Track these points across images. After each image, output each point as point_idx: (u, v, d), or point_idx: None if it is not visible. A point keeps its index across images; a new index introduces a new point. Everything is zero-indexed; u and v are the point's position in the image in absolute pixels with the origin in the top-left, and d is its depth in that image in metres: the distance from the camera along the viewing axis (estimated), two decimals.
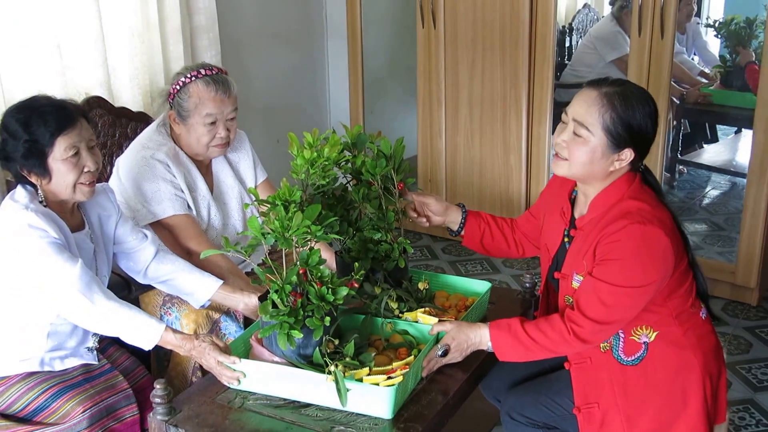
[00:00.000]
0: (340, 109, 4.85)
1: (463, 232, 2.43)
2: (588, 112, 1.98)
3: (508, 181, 4.19)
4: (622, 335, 2.06)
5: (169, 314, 2.55)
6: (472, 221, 2.42)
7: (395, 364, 1.98)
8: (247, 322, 2.51)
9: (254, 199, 2.08)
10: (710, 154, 5.26)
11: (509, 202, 4.19)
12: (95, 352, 2.29)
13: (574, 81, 4.97)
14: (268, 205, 1.95)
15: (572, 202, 2.20)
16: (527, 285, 2.53)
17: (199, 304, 2.40)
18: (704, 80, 5.03)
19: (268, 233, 1.91)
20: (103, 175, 2.85)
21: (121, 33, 3.27)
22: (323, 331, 1.94)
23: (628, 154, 2.00)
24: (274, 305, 1.94)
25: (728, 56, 4.86)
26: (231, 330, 2.51)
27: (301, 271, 1.95)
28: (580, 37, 5.50)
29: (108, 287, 2.32)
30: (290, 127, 4.56)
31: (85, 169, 2.13)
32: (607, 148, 1.99)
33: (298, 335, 1.91)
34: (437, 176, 4.37)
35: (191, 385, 2.30)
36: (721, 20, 4.88)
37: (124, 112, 3.07)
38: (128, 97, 3.31)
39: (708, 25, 4.99)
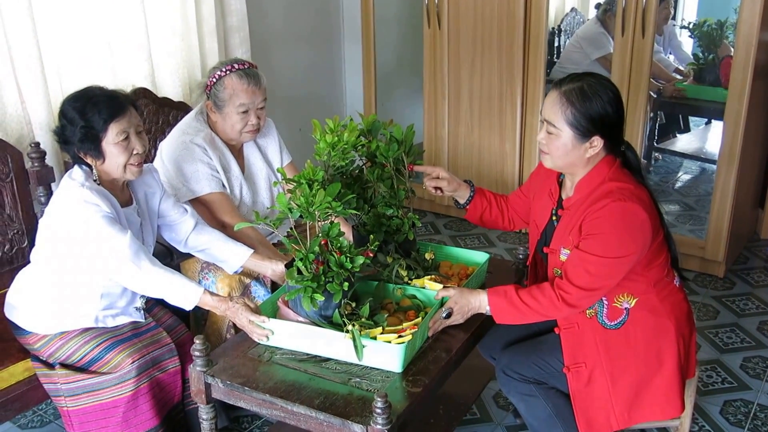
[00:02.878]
0: (355, 101, 4.82)
1: (468, 207, 2.42)
2: (552, 111, 1.98)
3: (503, 165, 4.17)
4: (605, 302, 2.05)
5: (207, 279, 2.56)
6: (477, 199, 2.41)
7: (405, 325, 1.99)
8: (274, 286, 2.52)
9: (282, 178, 2.08)
10: (683, 142, 5.24)
11: (504, 183, 4.18)
12: (142, 311, 2.31)
13: (561, 77, 4.94)
14: (295, 184, 1.96)
15: (560, 184, 2.19)
16: (520, 257, 2.53)
17: (232, 270, 2.41)
18: (679, 76, 4.99)
19: (294, 208, 1.92)
20: (148, 157, 2.85)
21: (164, 32, 3.26)
22: (342, 295, 1.95)
23: (597, 141, 1.98)
24: (299, 272, 1.95)
25: (701, 55, 4.82)
26: (260, 293, 2.52)
27: (322, 242, 1.96)
28: (568, 37, 5.45)
29: (153, 256, 2.34)
30: (311, 116, 4.51)
31: (134, 152, 2.14)
32: (576, 139, 1.98)
33: (320, 298, 1.92)
34: (440, 161, 4.35)
35: (225, 341, 2.33)
36: (695, 22, 4.84)
37: (166, 101, 3.07)
38: (170, 88, 3.31)
39: (683, 27, 4.94)
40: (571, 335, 2.11)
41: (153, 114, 2.99)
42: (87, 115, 2.07)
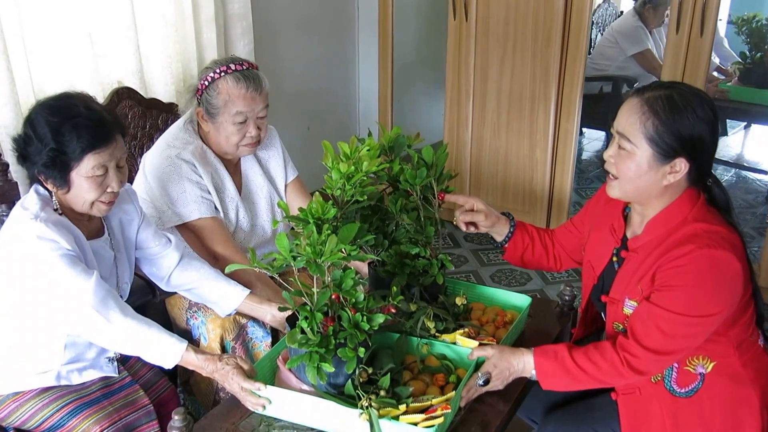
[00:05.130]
0: (369, 97, 4.43)
1: (506, 245, 2.03)
2: (629, 122, 1.60)
3: (533, 175, 3.76)
4: (675, 365, 1.70)
5: (195, 318, 2.16)
6: (518, 236, 2.02)
7: (435, 402, 1.59)
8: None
9: (285, 210, 1.68)
10: (719, 147, 4.86)
11: (532, 195, 3.78)
12: (116, 363, 1.90)
13: (594, 74, 4.59)
14: (300, 222, 1.55)
15: (625, 218, 1.81)
16: (566, 298, 2.13)
17: (224, 314, 2.02)
18: (721, 76, 4.62)
19: (299, 256, 1.52)
20: (133, 167, 2.46)
21: (154, 21, 2.85)
22: (356, 362, 1.56)
23: (681, 165, 1.60)
24: (303, 331, 1.56)
25: (748, 53, 4.44)
26: (258, 335, 2.13)
27: (333, 296, 1.56)
28: (600, 31, 5.12)
29: (131, 292, 1.96)
30: (321, 113, 4.20)
31: (108, 189, 1.73)
32: (655, 160, 1.60)
33: (329, 369, 1.53)
34: (462, 166, 3.95)
35: (214, 406, 1.94)
36: (743, 17, 4.46)
37: (154, 103, 2.66)
38: (161, 86, 2.90)
39: (730, 22, 4.56)
40: (632, 402, 1.76)
41: (139, 117, 2.58)
42: (62, 138, 1.64)
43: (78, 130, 1.65)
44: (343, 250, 1.51)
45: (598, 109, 4.53)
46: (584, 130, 5.42)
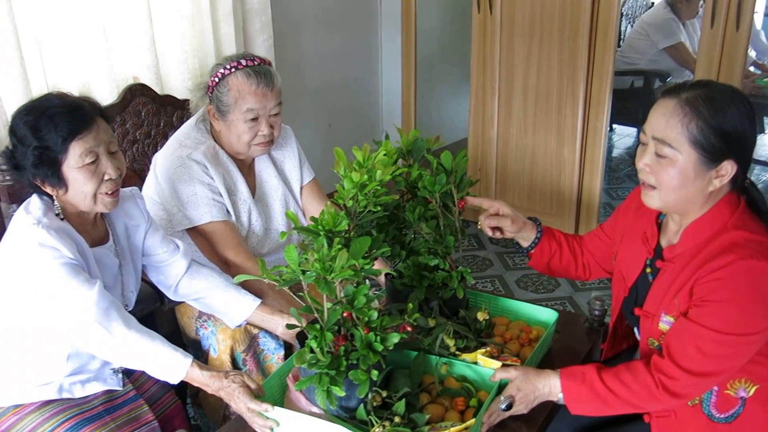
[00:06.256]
0: (393, 93, 4.27)
1: (532, 251, 1.89)
2: (668, 125, 1.45)
3: (560, 174, 3.59)
4: (715, 388, 1.55)
5: (205, 328, 2.05)
6: (545, 242, 1.88)
7: (453, 430, 1.45)
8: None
9: (293, 221, 1.55)
10: (755, 147, 4.65)
11: (560, 196, 3.60)
12: (120, 374, 1.79)
13: (624, 68, 4.40)
14: (310, 235, 1.42)
15: (659, 226, 1.66)
16: (596, 312, 1.97)
17: (234, 325, 1.90)
18: (758, 71, 4.41)
19: (309, 271, 1.39)
20: (145, 166, 2.35)
21: (169, 15, 2.72)
22: (369, 385, 1.43)
23: (729, 168, 1.45)
24: (312, 350, 1.43)
25: None
26: (270, 347, 2.01)
27: (345, 314, 1.43)
28: (630, 23, 4.93)
29: (138, 300, 1.85)
30: (342, 110, 4.05)
31: (106, 177, 1.62)
32: (701, 164, 1.45)
33: (339, 393, 1.40)
34: (488, 164, 3.79)
35: (224, 421, 1.83)
36: None
37: (168, 99, 2.54)
38: (177, 81, 2.78)
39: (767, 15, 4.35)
40: (666, 426, 1.61)
41: (153, 115, 2.46)
42: (41, 133, 1.55)
43: (54, 121, 1.56)
44: (355, 264, 1.38)
45: (629, 105, 4.35)
46: (615, 126, 5.23)
